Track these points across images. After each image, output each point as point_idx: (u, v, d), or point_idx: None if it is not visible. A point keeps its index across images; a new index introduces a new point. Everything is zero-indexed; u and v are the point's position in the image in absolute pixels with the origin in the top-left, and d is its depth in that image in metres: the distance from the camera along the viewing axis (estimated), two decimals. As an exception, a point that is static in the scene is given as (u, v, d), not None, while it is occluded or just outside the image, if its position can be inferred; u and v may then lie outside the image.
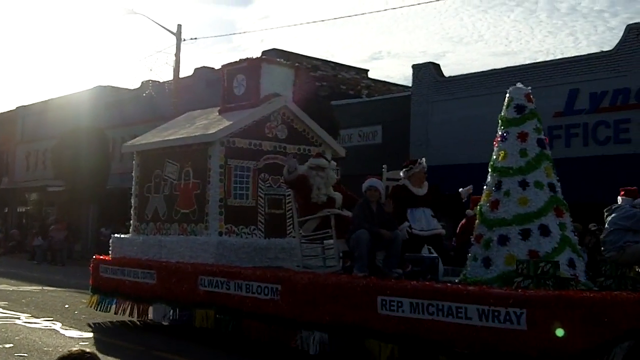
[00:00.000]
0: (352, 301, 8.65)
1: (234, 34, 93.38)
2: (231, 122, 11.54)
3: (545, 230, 8.47)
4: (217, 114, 12.65)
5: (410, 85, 28.18)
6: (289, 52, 33.44)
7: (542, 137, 8.99)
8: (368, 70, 35.93)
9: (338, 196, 10.47)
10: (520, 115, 8.96)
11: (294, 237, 12.01)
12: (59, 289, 19.71)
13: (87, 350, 3.68)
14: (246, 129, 11.68)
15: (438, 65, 26.89)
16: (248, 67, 12.18)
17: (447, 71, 32.60)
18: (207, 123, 12.21)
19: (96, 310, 12.88)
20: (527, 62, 27.84)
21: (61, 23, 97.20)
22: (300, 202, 10.46)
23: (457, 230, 11.11)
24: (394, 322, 8.23)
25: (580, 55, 22.72)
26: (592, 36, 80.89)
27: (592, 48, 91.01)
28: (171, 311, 11.72)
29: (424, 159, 11.01)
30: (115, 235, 13.59)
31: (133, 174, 13.19)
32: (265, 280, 9.79)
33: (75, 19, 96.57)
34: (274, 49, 33.30)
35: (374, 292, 8.45)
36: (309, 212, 10.27)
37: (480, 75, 25.67)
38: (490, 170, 9.05)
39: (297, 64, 12.57)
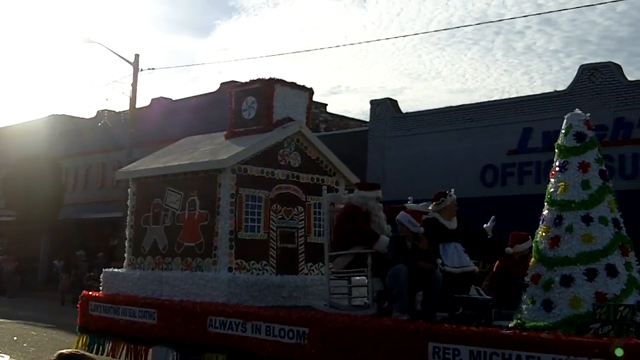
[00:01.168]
0: (397, 348, 7.69)
1: (192, 65, 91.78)
2: (243, 148, 10.58)
3: (612, 271, 7.67)
4: (223, 139, 11.69)
5: (368, 119, 28.83)
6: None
7: (604, 168, 8.22)
8: (327, 104, 35.56)
9: (387, 229, 9.57)
10: (581, 143, 8.20)
11: (306, 273, 11.12)
12: (8, 320, 19.04)
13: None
14: (258, 155, 10.74)
15: (395, 102, 27.55)
16: (260, 89, 11.25)
17: (405, 107, 34.39)
18: (215, 148, 11.23)
19: (87, 351, 11.68)
20: (483, 99, 29.79)
21: (17, 50, 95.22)
22: (341, 233, 9.47)
23: (493, 270, 10.29)
24: (449, 373, 7.33)
25: (534, 95, 23.20)
26: (546, 75, 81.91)
27: (547, 87, 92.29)
28: (174, 354, 10.61)
29: (453, 190, 10.21)
30: (108, 269, 12.45)
31: (128, 202, 12.11)
32: (290, 322, 8.79)
33: (32, 46, 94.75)
34: (232, 81, 33.12)
35: (424, 338, 7.52)
36: (345, 245, 9.35)
37: (436, 112, 26.39)
38: (547, 203, 8.24)
39: (311, 87, 11.65)
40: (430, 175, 23.07)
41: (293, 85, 11.42)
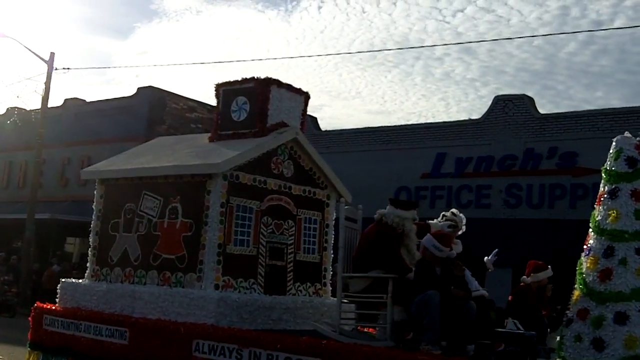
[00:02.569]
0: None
1: (109, 67, 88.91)
2: (238, 153, 9.53)
3: (672, 309, 7.02)
4: (207, 141, 10.60)
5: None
6: (165, 90, 33.27)
7: (656, 196, 7.56)
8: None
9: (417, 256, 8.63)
10: (633, 169, 7.53)
11: (293, 294, 10.14)
12: None
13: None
14: (251, 162, 9.70)
15: (315, 119, 27.95)
16: (253, 90, 10.21)
17: (324, 124, 34.59)
18: (201, 151, 10.12)
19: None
20: (401, 122, 31.05)
21: None
22: (367, 255, 8.48)
23: (509, 299, 9.54)
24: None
25: (450, 122, 23.96)
26: (462, 102, 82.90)
27: (462, 114, 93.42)
28: None
29: (455, 211, 9.47)
30: (67, 280, 11.10)
31: (94, 206, 10.85)
32: (298, 350, 7.80)
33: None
34: (149, 86, 32.89)
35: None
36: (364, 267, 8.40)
37: (355, 132, 27.38)
38: (594, 232, 7.51)
39: (307, 92, 10.70)
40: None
41: (289, 87, 10.44)
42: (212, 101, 11.14)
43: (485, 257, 9.56)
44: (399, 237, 8.56)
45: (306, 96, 10.70)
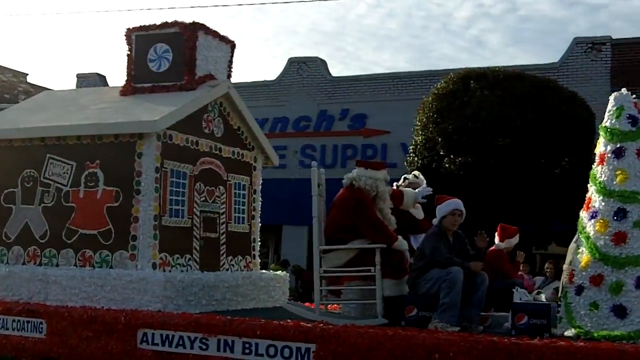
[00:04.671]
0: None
1: None
2: (174, 108, 8.14)
3: (685, 272, 6.75)
4: (117, 95, 9.03)
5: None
6: None
7: (659, 155, 7.23)
8: (27, 73, 31.96)
9: (392, 221, 7.71)
10: (636, 127, 7.14)
11: (226, 269, 8.99)
12: None
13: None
14: (182, 120, 8.35)
15: (104, 77, 26.25)
16: (177, 36, 8.78)
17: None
18: (119, 107, 8.58)
19: None
20: None
21: None
22: (344, 224, 7.45)
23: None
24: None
25: (245, 82, 23.40)
26: (258, 63, 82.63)
27: (257, 75, 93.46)
28: None
29: (415, 173, 8.79)
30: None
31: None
32: (285, 335, 6.72)
33: None
34: None
35: (502, 356, 5.99)
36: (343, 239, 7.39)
37: None
38: (600, 194, 7.04)
39: (233, 40, 9.41)
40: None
41: (216, 34, 9.11)
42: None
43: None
44: (373, 201, 7.68)
45: (232, 45, 9.43)
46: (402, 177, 8.64)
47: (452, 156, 15.32)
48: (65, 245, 8.27)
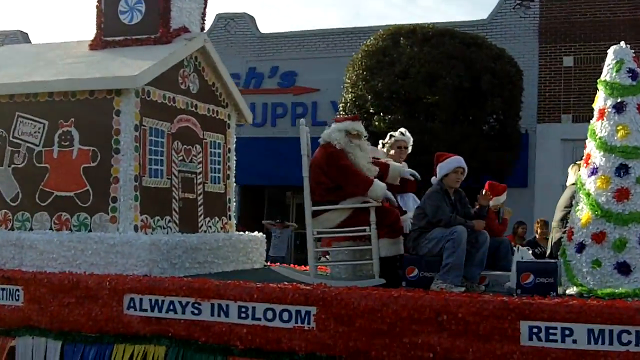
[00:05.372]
0: (468, 330, 6.01)
1: None
2: (153, 62, 7.75)
3: (686, 227, 6.80)
4: (87, 49, 8.56)
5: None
6: None
7: (655, 111, 7.20)
8: None
9: (373, 170, 7.46)
10: (637, 82, 7.09)
11: (204, 231, 8.72)
12: None
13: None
14: (161, 75, 7.96)
15: (26, 34, 25.35)
16: (152, -15, 8.37)
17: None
18: (92, 62, 8.12)
19: None
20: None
21: None
22: (322, 184, 7.19)
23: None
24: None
25: None
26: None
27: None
28: (56, 347, 7.43)
29: (402, 130, 8.62)
30: None
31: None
32: (284, 298, 6.54)
33: None
34: None
35: (514, 316, 5.95)
36: (334, 197, 7.15)
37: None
38: (600, 149, 6.96)
39: (208, -10, 9.00)
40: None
41: (189, -16, 8.70)
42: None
43: None
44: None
45: (207, -4, 9.03)
46: (388, 134, 8.46)
47: (382, 114, 15.35)
48: (39, 208, 7.85)
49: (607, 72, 7.19)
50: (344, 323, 6.34)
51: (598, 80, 7.28)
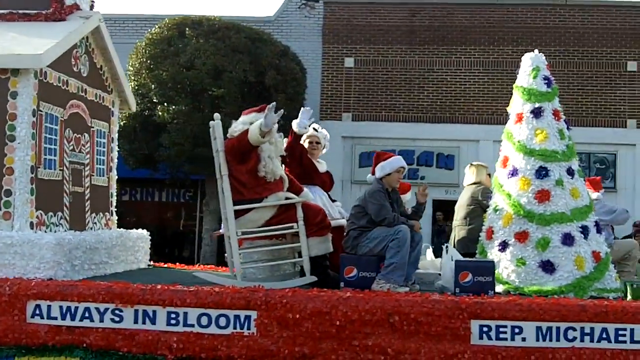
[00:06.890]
0: (424, 330, 5.91)
1: None
2: (55, 41, 6.89)
3: (599, 228, 7.16)
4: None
5: None
6: None
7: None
8: None
9: (284, 174, 7.10)
10: (551, 89, 7.37)
11: (90, 228, 7.97)
12: None
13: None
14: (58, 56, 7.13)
15: None
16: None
17: None
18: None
19: None
20: None
21: None
22: (241, 179, 6.72)
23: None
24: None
25: None
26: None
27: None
28: None
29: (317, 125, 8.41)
30: None
31: None
32: (221, 303, 6.06)
33: None
34: None
35: (465, 315, 5.94)
36: (255, 194, 6.71)
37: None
38: (520, 151, 7.15)
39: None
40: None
41: (78, -49, 7.85)
42: None
43: None
44: None
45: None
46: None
47: (165, 104, 15.20)
48: None
49: (524, 78, 7.43)
50: (288, 327, 6.02)
51: (514, 86, 7.52)
